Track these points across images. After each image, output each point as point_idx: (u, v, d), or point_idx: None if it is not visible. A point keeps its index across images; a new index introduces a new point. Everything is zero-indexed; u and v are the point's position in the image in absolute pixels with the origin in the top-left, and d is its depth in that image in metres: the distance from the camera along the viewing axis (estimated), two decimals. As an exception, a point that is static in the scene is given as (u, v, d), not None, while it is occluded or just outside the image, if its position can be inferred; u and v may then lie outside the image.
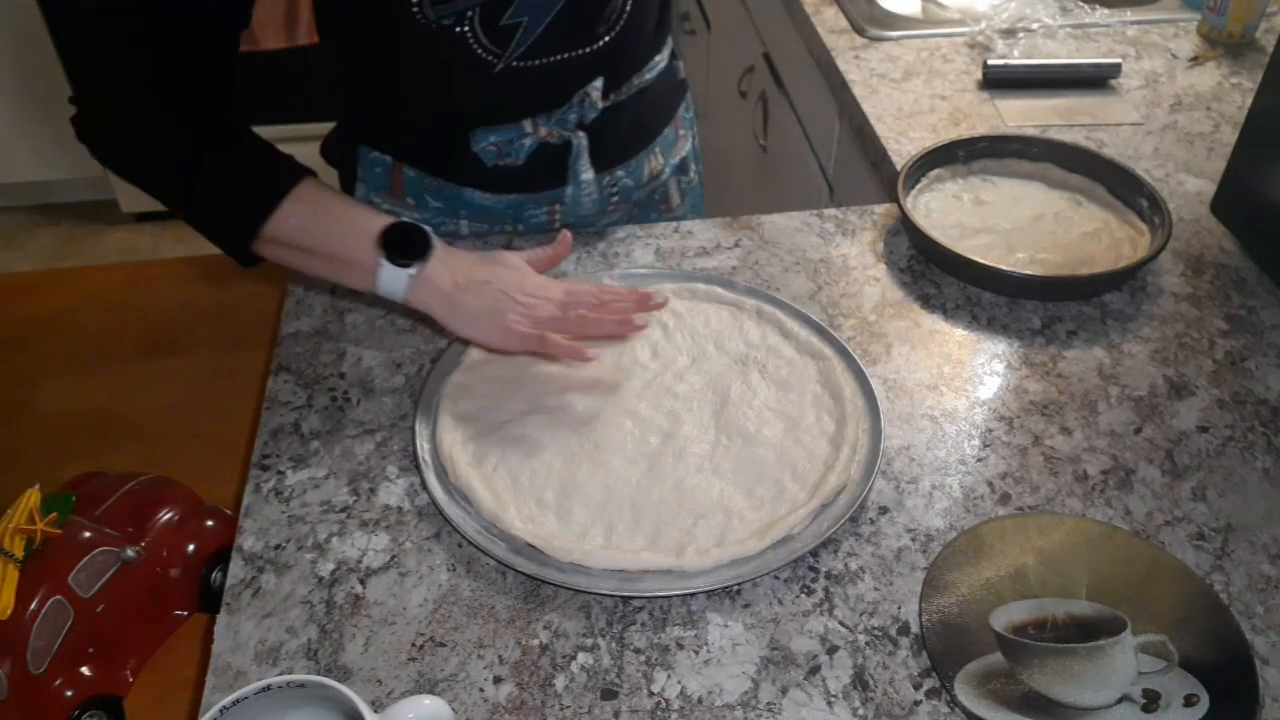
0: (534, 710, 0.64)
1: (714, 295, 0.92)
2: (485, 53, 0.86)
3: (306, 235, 0.80)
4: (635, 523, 0.73)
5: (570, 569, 0.70)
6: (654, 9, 0.98)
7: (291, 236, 0.80)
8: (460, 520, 0.73)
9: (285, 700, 0.55)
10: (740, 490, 0.76)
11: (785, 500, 0.75)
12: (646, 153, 1.05)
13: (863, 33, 1.40)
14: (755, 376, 0.85)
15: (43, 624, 1.50)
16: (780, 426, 0.80)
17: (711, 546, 0.71)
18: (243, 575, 0.72)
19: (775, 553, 0.71)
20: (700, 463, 0.78)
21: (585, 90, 0.93)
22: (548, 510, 0.74)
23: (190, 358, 2.32)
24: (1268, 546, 0.74)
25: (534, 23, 0.86)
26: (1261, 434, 0.83)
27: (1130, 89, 1.28)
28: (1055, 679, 0.65)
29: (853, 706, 0.64)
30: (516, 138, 0.93)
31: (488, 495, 0.74)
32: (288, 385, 0.86)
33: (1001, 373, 0.88)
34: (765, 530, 0.72)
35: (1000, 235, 1.00)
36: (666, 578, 0.70)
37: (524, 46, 0.87)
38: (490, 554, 0.71)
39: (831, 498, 0.75)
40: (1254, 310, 0.95)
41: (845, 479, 0.76)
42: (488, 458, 0.78)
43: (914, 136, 1.18)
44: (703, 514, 0.74)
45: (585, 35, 0.90)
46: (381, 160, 0.99)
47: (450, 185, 0.98)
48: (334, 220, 0.80)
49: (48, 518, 1.57)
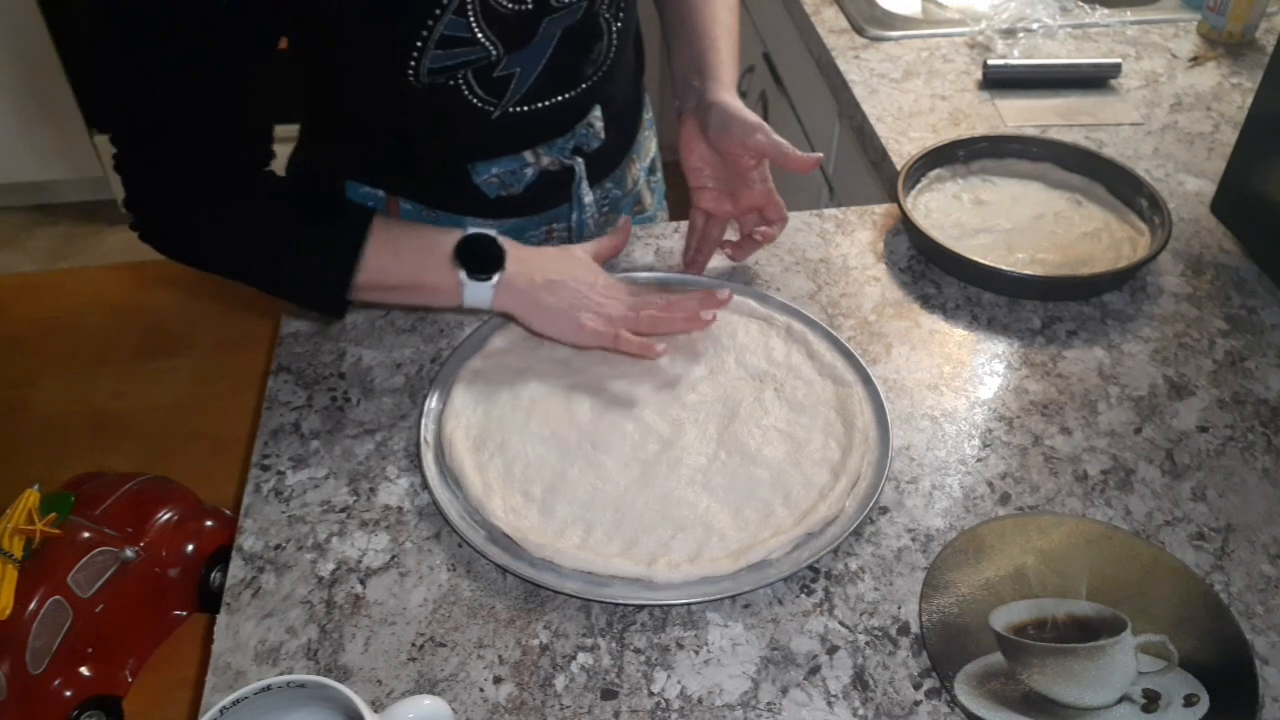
0: (534, 710, 0.64)
1: (745, 307, 0.90)
2: (481, 103, 0.87)
3: (391, 275, 0.82)
4: (615, 527, 0.73)
5: (541, 565, 0.70)
6: (630, 41, 0.98)
7: (377, 280, 0.81)
8: (446, 502, 0.74)
9: (285, 700, 0.55)
10: (727, 508, 0.74)
11: (770, 524, 0.73)
12: (626, 161, 1.05)
13: (863, 33, 1.40)
14: (770, 395, 0.82)
15: (42, 624, 1.50)
16: (783, 448, 0.78)
17: (684, 561, 0.70)
18: (243, 575, 0.72)
19: (748, 576, 0.69)
20: (693, 475, 0.76)
21: (588, 120, 0.94)
22: (532, 503, 0.74)
23: (190, 358, 2.32)
24: (1268, 546, 0.74)
25: (527, 72, 0.86)
26: (1261, 434, 0.83)
27: (1130, 89, 1.28)
28: (1055, 679, 0.65)
29: (853, 706, 0.64)
30: (519, 168, 0.93)
31: (477, 481, 0.75)
32: (288, 385, 0.86)
33: (1001, 373, 0.88)
34: (742, 552, 0.70)
35: (1000, 235, 1.00)
36: (633, 586, 0.69)
37: (519, 94, 0.88)
38: (466, 539, 0.72)
39: (819, 528, 0.72)
40: (1254, 310, 0.95)
41: (837, 511, 0.73)
42: (486, 444, 0.79)
43: (914, 136, 1.18)
44: (683, 527, 0.72)
45: (576, 77, 0.91)
46: (373, 195, 0.96)
47: (449, 214, 0.98)
48: (410, 251, 0.82)
49: (47, 518, 1.57)
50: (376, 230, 0.81)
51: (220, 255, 0.82)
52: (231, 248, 0.82)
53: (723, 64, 0.91)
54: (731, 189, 0.91)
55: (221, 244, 0.81)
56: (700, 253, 0.95)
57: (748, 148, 0.85)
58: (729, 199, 0.91)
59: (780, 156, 0.85)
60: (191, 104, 0.74)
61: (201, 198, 0.79)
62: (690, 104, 0.90)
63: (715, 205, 0.92)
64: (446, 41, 0.79)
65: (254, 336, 2.26)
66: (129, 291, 2.49)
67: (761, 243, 0.92)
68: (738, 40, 0.95)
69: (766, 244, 0.94)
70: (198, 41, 0.71)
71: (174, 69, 0.72)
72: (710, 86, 0.89)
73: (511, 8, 0.80)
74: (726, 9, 0.95)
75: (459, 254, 0.80)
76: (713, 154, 0.89)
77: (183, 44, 0.71)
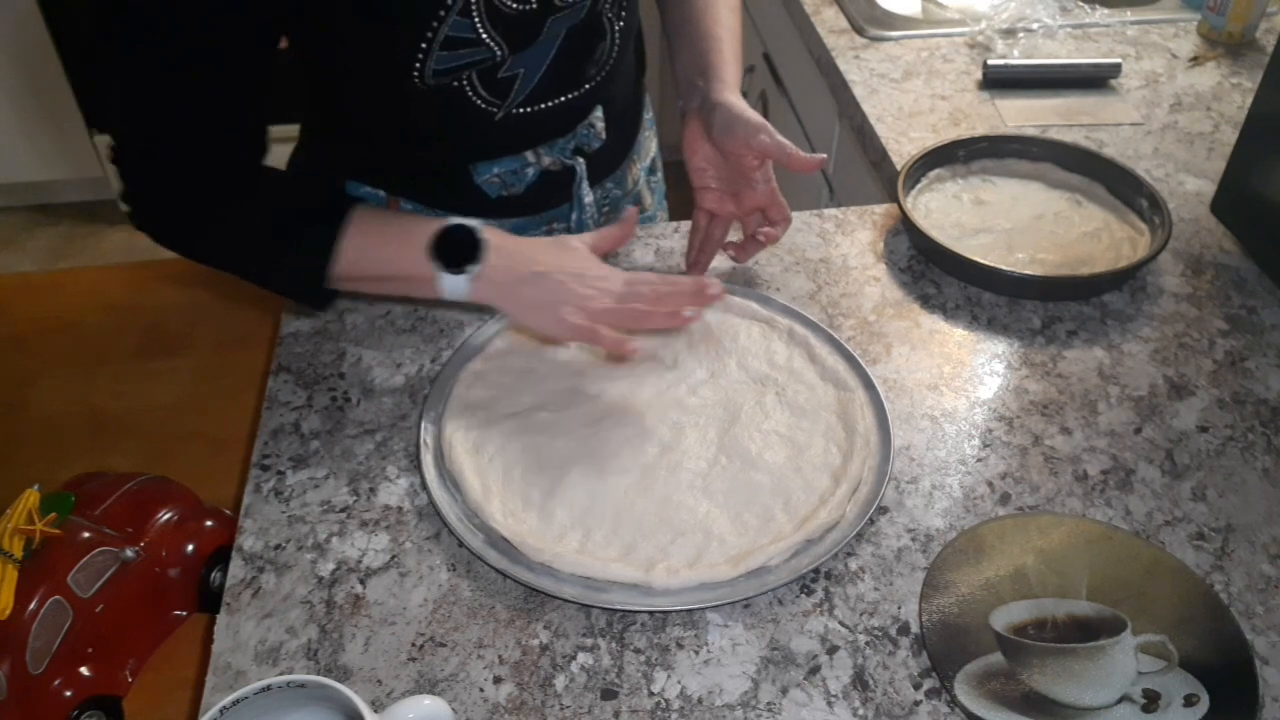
0: (534, 710, 0.64)
1: (748, 310, 0.90)
2: (485, 104, 0.86)
3: (369, 266, 0.81)
4: (613, 532, 0.72)
5: (540, 569, 0.70)
6: (632, 41, 0.98)
7: (356, 271, 0.81)
8: (445, 505, 0.74)
9: (285, 700, 0.55)
10: (727, 513, 0.73)
11: (770, 530, 0.72)
12: (627, 161, 1.05)
13: (863, 33, 1.40)
14: (771, 399, 0.82)
15: (42, 624, 1.50)
16: (784, 453, 0.78)
17: (683, 567, 0.69)
18: (243, 575, 0.72)
19: (747, 582, 0.69)
20: (693, 479, 0.76)
21: (589, 121, 0.94)
22: (531, 508, 0.74)
23: (190, 358, 2.32)
24: (1268, 546, 0.74)
25: (531, 72, 0.86)
26: (1261, 434, 0.83)
27: (1130, 89, 1.28)
28: (1055, 679, 0.65)
29: (853, 706, 0.64)
30: (520, 168, 0.93)
31: (476, 484, 0.75)
32: (288, 385, 0.86)
33: (1001, 373, 0.88)
34: (741, 558, 0.70)
35: (1000, 235, 1.00)
36: (632, 591, 0.69)
37: (523, 95, 0.87)
38: (465, 543, 0.71)
39: (818, 534, 0.72)
40: (1254, 310, 0.95)
41: (838, 517, 0.73)
42: (486, 447, 0.78)
43: (914, 136, 1.18)
44: (683, 532, 0.72)
45: (579, 78, 0.91)
46: (374, 195, 0.96)
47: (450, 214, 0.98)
48: (388, 242, 0.81)
49: (47, 518, 1.57)
50: (357, 220, 0.80)
51: (212, 247, 0.82)
52: (222, 240, 0.81)
53: (726, 64, 0.91)
54: (735, 189, 0.91)
55: (213, 236, 0.81)
56: (703, 253, 0.94)
57: (751, 148, 0.85)
58: (732, 199, 0.91)
59: (784, 157, 0.85)
60: (189, 101, 0.74)
61: (195, 191, 0.79)
62: (694, 104, 0.90)
63: (719, 205, 0.92)
64: (451, 43, 0.79)
65: (254, 336, 2.26)
66: (129, 291, 2.49)
67: (765, 243, 0.92)
68: (740, 41, 0.95)
69: (770, 245, 0.94)
70: (197, 40, 0.71)
71: (173, 68, 0.72)
72: (714, 87, 0.89)
73: (516, 7, 0.80)
74: (729, 9, 0.95)
75: (435, 246, 0.79)
76: (716, 154, 0.89)
77: (182, 43, 0.71)
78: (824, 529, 0.72)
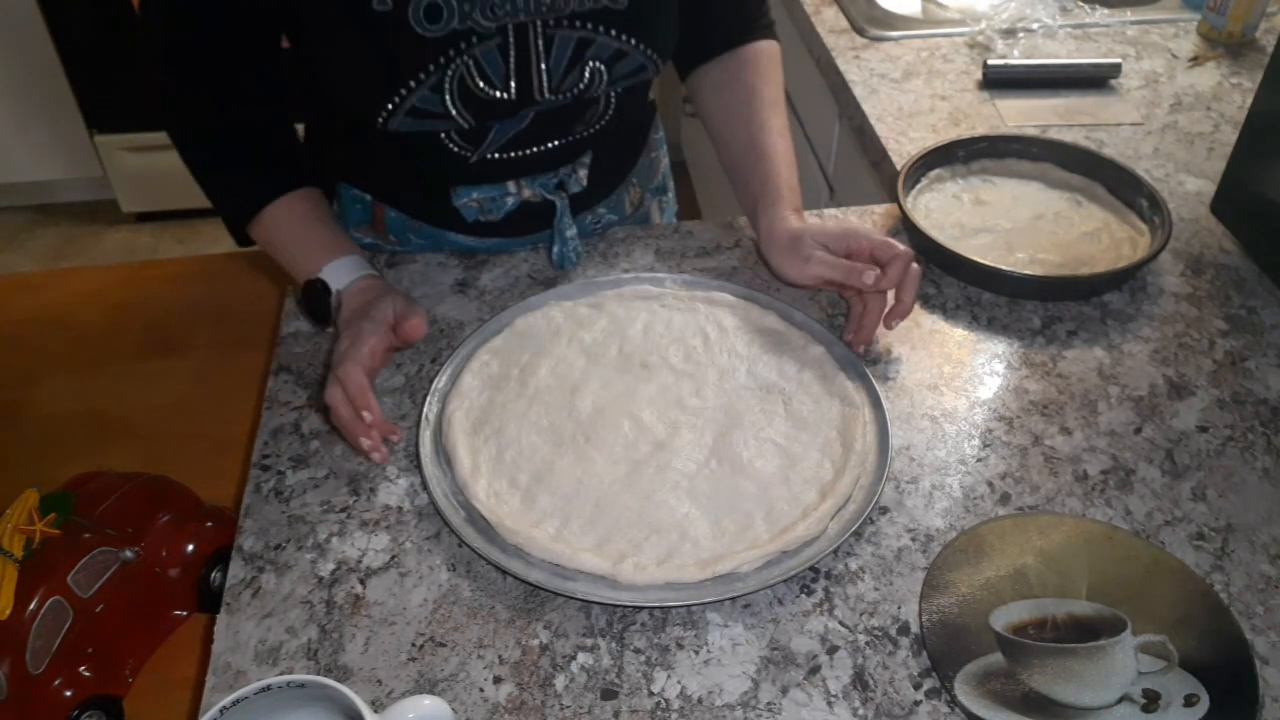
0: (534, 710, 0.64)
1: (765, 322, 0.89)
2: (459, 149, 0.87)
3: (281, 248, 0.89)
4: (591, 522, 0.73)
5: (512, 551, 0.70)
6: (643, 101, 0.97)
7: (271, 239, 0.89)
8: (434, 479, 0.75)
9: (285, 700, 0.55)
10: (707, 516, 0.73)
11: (747, 537, 0.72)
12: (625, 186, 1.04)
13: (863, 33, 1.40)
14: (775, 408, 0.81)
15: (42, 624, 1.49)
16: (776, 462, 0.77)
17: (651, 564, 0.69)
18: (243, 575, 0.72)
19: (714, 587, 0.68)
20: (679, 479, 0.76)
21: (573, 166, 0.93)
22: (516, 490, 0.75)
23: (190, 358, 2.31)
24: (1268, 546, 0.74)
25: (506, 129, 0.87)
26: (1261, 434, 0.83)
27: (1130, 89, 1.28)
28: (1055, 679, 0.65)
29: (853, 706, 0.64)
30: (500, 196, 0.93)
31: (467, 462, 0.76)
32: (288, 385, 0.86)
33: (1001, 373, 0.88)
34: (711, 562, 0.69)
35: (1000, 235, 1.00)
36: (598, 583, 0.69)
37: (496, 146, 0.88)
38: (445, 518, 0.72)
39: (795, 546, 0.71)
40: (1254, 310, 0.95)
41: (817, 532, 0.72)
42: (484, 427, 0.79)
43: (914, 136, 1.18)
44: (659, 530, 0.72)
45: (564, 131, 0.91)
46: (361, 199, 0.98)
47: (433, 226, 0.98)
48: (299, 245, 0.88)
49: (46, 518, 1.57)
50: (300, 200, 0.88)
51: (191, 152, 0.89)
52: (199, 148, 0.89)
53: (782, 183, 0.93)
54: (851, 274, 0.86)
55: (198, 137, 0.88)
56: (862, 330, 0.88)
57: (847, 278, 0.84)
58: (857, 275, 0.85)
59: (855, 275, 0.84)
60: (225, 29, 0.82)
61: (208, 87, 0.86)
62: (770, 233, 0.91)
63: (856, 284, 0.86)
64: (417, 112, 0.80)
65: (254, 336, 2.25)
66: (129, 291, 2.48)
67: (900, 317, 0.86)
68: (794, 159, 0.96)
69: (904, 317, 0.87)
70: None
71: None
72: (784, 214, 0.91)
73: (490, 94, 0.80)
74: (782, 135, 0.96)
75: (304, 292, 0.86)
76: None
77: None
78: (800, 543, 0.71)
